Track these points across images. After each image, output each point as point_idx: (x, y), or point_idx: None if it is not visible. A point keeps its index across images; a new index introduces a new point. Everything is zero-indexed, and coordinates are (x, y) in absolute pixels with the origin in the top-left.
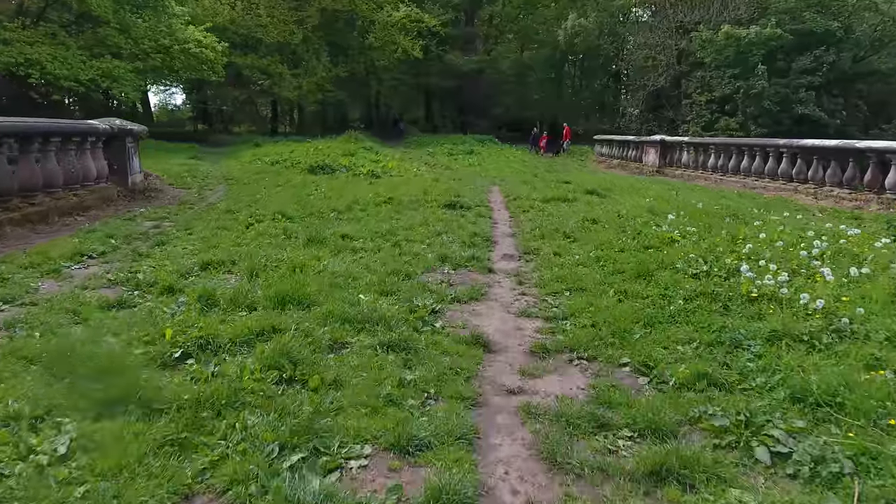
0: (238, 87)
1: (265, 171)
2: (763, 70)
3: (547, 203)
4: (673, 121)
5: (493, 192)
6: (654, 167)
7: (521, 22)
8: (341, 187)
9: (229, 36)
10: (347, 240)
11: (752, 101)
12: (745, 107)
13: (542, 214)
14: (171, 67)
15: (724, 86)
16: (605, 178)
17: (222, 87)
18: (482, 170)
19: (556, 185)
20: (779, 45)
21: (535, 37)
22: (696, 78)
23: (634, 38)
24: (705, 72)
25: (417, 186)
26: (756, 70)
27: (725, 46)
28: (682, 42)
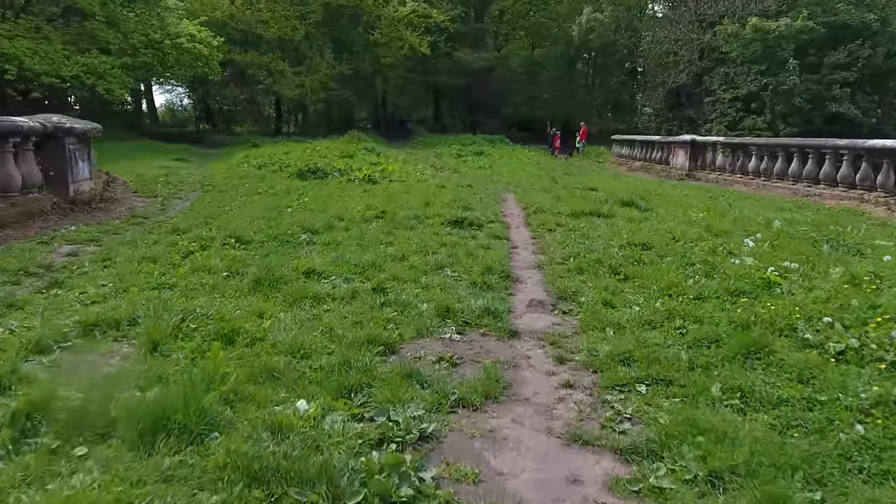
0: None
1: (249, 175)
2: (795, 65)
3: (576, 218)
4: (693, 120)
5: (507, 202)
6: (683, 170)
7: (532, 18)
8: (328, 196)
9: (228, 32)
10: (313, 279)
11: (782, 99)
12: (774, 105)
13: (573, 235)
14: (165, 64)
15: (750, 82)
16: (634, 183)
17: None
18: (493, 173)
19: (581, 194)
20: (809, 38)
21: (547, 33)
22: (719, 74)
23: (653, 32)
24: (729, 68)
25: (419, 195)
26: (787, 65)
27: (752, 40)
28: (705, 36)
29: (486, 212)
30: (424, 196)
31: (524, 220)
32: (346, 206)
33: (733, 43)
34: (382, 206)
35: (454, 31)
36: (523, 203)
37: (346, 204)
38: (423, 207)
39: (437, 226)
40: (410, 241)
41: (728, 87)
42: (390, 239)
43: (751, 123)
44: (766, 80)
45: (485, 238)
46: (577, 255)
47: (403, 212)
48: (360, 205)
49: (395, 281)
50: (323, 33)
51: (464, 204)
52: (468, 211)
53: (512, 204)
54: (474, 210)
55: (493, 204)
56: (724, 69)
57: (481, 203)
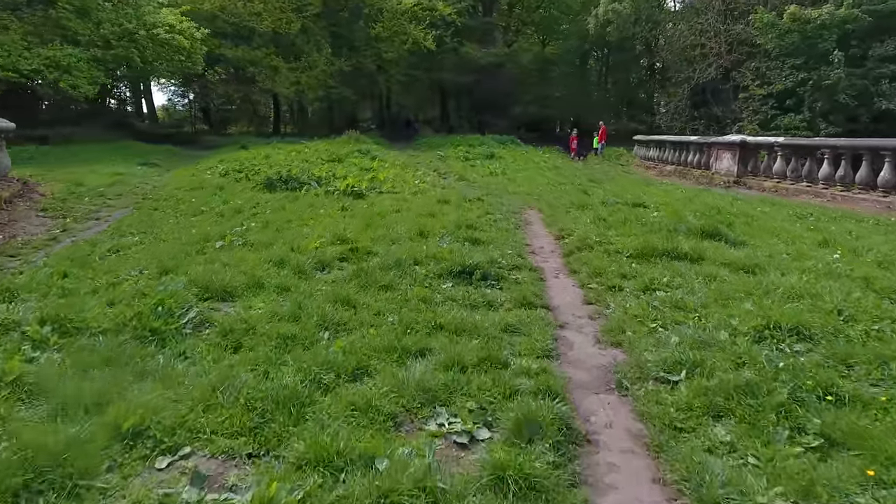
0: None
1: (206, 185)
2: (840, 58)
3: (646, 262)
4: (720, 119)
5: (532, 225)
6: (729, 176)
7: (543, 12)
8: (288, 220)
9: (219, 25)
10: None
11: (823, 95)
12: (813, 101)
13: (656, 303)
14: (144, 58)
15: (785, 78)
16: (682, 194)
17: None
18: (507, 180)
19: (631, 213)
20: (851, 28)
21: (559, 28)
22: (749, 69)
23: (677, 23)
24: (760, 62)
25: (412, 217)
26: (830, 58)
27: (789, 31)
28: (736, 26)
29: (505, 247)
30: (419, 218)
31: (563, 263)
32: (305, 237)
33: (769, 34)
34: (357, 235)
35: (461, 24)
36: (555, 228)
37: (307, 232)
38: (414, 239)
39: (431, 278)
40: (381, 321)
41: (762, 82)
42: (347, 315)
43: (788, 122)
44: (803, 75)
45: (510, 306)
46: (692, 364)
47: (384, 247)
48: (328, 233)
49: (319, 468)
50: (321, 27)
51: (472, 232)
52: (478, 248)
53: (538, 228)
54: (487, 245)
55: (512, 231)
56: (755, 63)
57: (496, 229)
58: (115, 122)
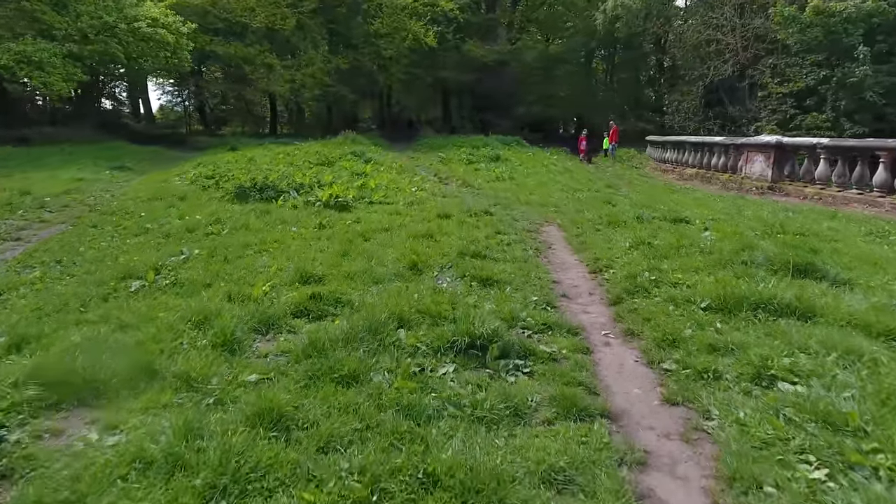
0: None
1: (170, 194)
2: (865, 53)
3: (727, 315)
4: (736, 118)
5: (555, 250)
6: (763, 181)
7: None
8: (245, 243)
9: (210, 21)
10: None
11: (848, 93)
12: (836, 100)
13: (781, 407)
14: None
15: (806, 75)
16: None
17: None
18: (516, 186)
19: (673, 230)
20: (878, 22)
21: (564, 25)
22: (766, 66)
23: (689, 18)
24: (778, 58)
25: (406, 237)
26: (855, 53)
27: (811, 25)
28: (754, 21)
29: (528, 287)
30: (413, 241)
31: (612, 316)
32: (259, 273)
33: (790, 28)
34: (328, 269)
35: (463, 21)
36: (586, 254)
37: (263, 264)
38: (404, 275)
39: (423, 355)
40: (327, 469)
41: (781, 80)
42: (269, 456)
43: (810, 122)
44: (825, 72)
45: (548, 414)
46: None
47: (360, 290)
48: (290, 265)
49: None
50: (317, 23)
51: (481, 264)
52: (491, 290)
53: (564, 254)
54: (503, 286)
55: (532, 259)
56: (773, 60)
57: (512, 257)
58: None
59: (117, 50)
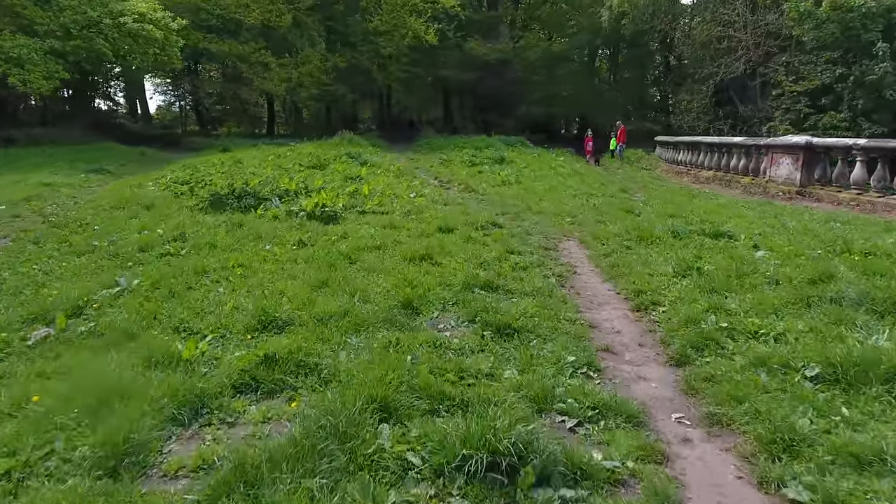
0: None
1: (137, 202)
2: (885, 50)
3: (850, 392)
4: (748, 118)
5: (581, 277)
6: (790, 185)
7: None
8: (203, 269)
9: (203, 17)
10: None
11: (865, 92)
12: (854, 99)
13: None
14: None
15: (821, 73)
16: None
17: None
18: (524, 191)
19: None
20: None
21: (569, 23)
22: (779, 64)
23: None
24: (791, 56)
25: (399, 259)
26: (874, 50)
27: (827, 21)
28: (767, 16)
29: (557, 338)
30: (408, 266)
31: (681, 387)
32: (206, 315)
33: (805, 24)
34: (298, 307)
35: (464, 18)
36: (622, 284)
37: (214, 300)
38: (393, 319)
39: (419, 478)
40: None
41: (796, 78)
42: None
43: (827, 121)
44: (841, 70)
45: None
46: None
47: (330, 353)
48: (249, 303)
49: None
50: (315, 20)
51: (493, 299)
52: (509, 343)
53: (595, 283)
54: (523, 337)
55: (557, 292)
56: (785, 58)
57: (531, 288)
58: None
59: (104, 47)
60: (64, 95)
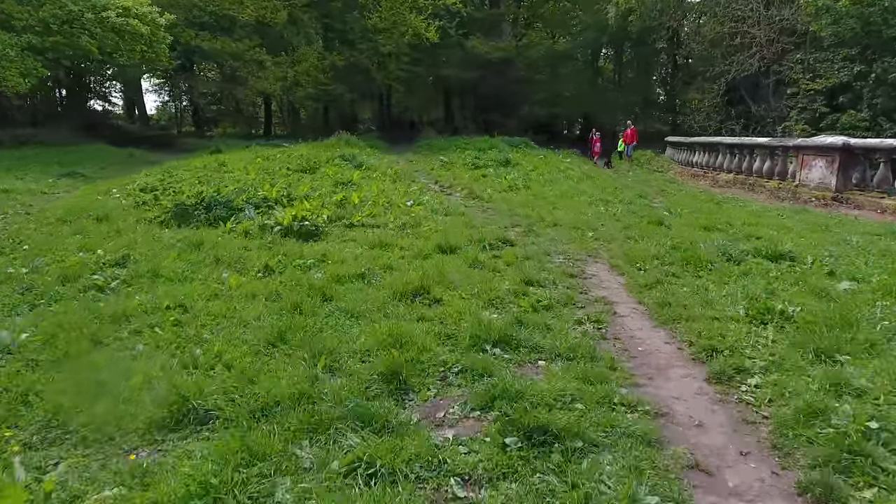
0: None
1: (92, 212)
2: None
3: None
4: (762, 118)
5: (625, 319)
6: (825, 190)
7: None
8: (123, 312)
9: (196, 14)
10: None
11: (887, 90)
12: (874, 97)
13: None
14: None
15: (838, 71)
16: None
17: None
18: (534, 198)
19: (794, 279)
20: None
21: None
22: (794, 61)
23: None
24: (807, 53)
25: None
26: None
27: (847, 16)
28: (783, 11)
29: (618, 448)
30: (397, 304)
31: None
32: (101, 394)
33: (822, 20)
34: (234, 383)
35: (466, 15)
36: (685, 334)
37: (127, 368)
38: (372, 404)
39: None
40: None
41: (813, 76)
42: None
43: (846, 121)
44: (860, 68)
45: None
46: None
47: (268, 486)
48: (168, 373)
49: None
50: (312, 17)
51: (513, 360)
52: (547, 461)
53: (645, 332)
54: (567, 445)
55: (602, 353)
56: (800, 55)
57: (564, 346)
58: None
59: (89, 43)
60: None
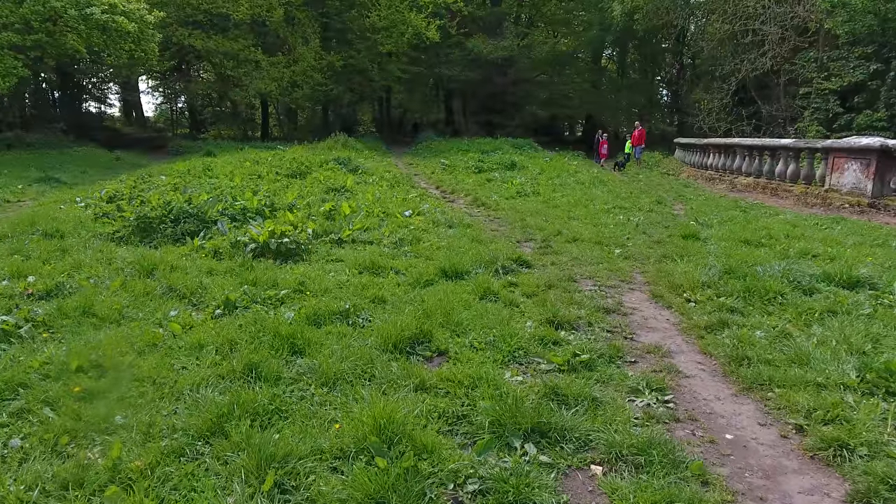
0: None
1: (42, 226)
2: None
3: None
4: (772, 118)
5: (697, 390)
6: (858, 195)
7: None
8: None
9: (189, 13)
10: None
11: None
12: (891, 97)
13: None
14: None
15: (853, 69)
16: (865, 236)
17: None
18: (545, 205)
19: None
20: None
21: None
22: (807, 60)
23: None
24: (820, 51)
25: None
26: None
27: (863, 12)
28: (797, 8)
29: None
30: (386, 360)
31: None
32: None
33: (838, 17)
34: None
35: (468, 14)
36: (792, 417)
37: None
38: None
39: None
40: None
41: (829, 74)
42: None
43: (863, 121)
44: (876, 66)
45: None
46: None
47: None
48: None
49: None
50: (309, 16)
51: None
52: None
53: (732, 408)
54: None
55: (679, 452)
56: (814, 53)
57: (621, 444)
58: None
59: (76, 41)
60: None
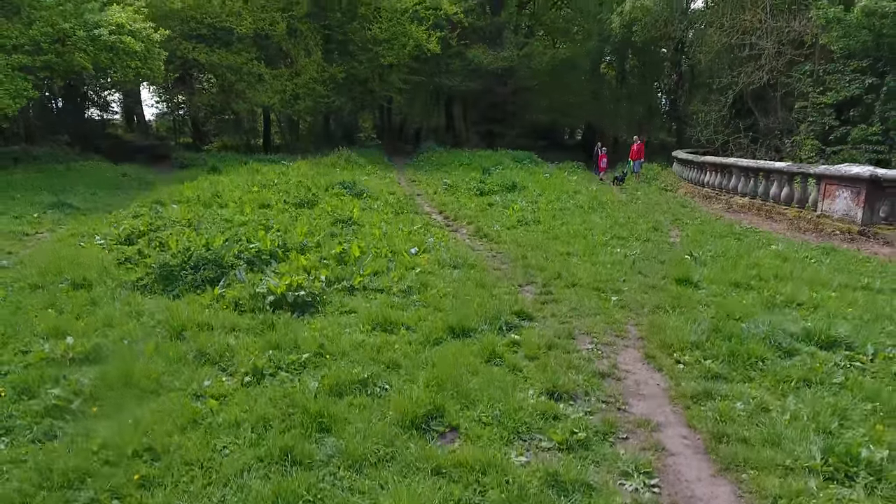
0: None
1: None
2: None
3: None
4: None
5: (694, 495)
6: (849, 223)
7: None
8: None
9: (193, 26)
10: None
11: None
12: (886, 111)
13: None
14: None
15: (849, 83)
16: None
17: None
18: (545, 235)
19: (879, 409)
20: None
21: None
22: (802, 73)
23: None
24: (816, 65)
25: (389, 424)
26: None
27: (858, 27)
28: (794, 23)
29: None
30: (404, 440)
31: None
32: None
33: (833, 32)
34: None
35: (468, 25)
36: None
37: None
38: None
39: None
40: None
41: (824, 89)
42: None
43: (858, 135)
44: (871, 80)
45: None
46: None
47: None
48: None
49: None
50: (311, 28)
51: None
52: None
53: (715, 497)
54: None
55: None
56: (810, 67)
57: None
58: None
59: (83, 59)
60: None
